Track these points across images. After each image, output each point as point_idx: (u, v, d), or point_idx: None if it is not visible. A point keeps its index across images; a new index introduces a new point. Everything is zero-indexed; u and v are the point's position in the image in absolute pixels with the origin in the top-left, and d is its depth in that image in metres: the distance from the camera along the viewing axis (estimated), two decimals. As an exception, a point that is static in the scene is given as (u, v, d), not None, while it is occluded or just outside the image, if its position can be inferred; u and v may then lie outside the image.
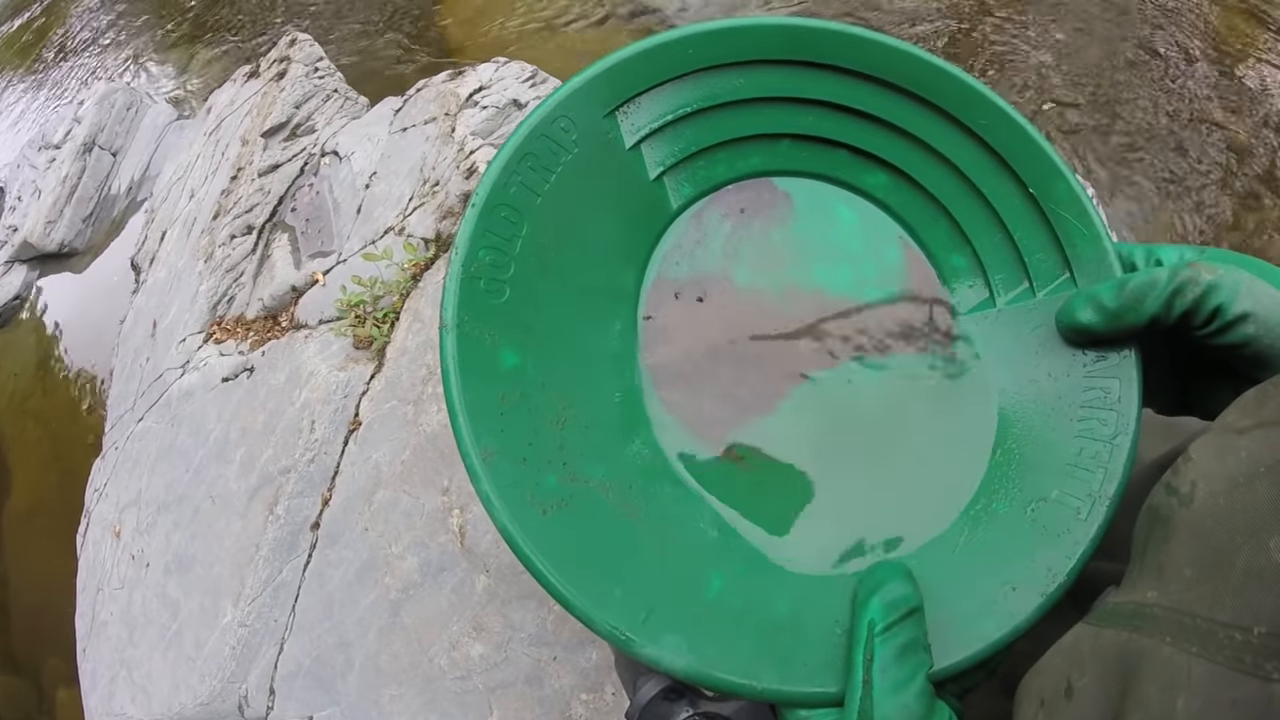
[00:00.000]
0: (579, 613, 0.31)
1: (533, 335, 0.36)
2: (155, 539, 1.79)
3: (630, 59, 0.39)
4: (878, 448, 0.38)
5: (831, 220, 0.42)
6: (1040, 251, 0.39)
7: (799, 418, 0.38)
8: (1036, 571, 0.34)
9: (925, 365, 0.39)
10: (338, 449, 1.53)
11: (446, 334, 0.34)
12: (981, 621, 0.33)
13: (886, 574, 0.32)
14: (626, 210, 0.40)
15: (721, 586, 0.34)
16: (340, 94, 2.30)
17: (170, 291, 2.21)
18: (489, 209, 0.36)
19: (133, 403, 2.12)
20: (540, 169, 0.38)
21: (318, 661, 1.38)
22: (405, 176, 1.82)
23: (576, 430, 0.36)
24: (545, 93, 1.85)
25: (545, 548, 0.32)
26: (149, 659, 1.68)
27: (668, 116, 0.40)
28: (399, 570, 1.34)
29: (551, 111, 0.38)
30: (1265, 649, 0.21)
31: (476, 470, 0.33)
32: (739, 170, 0.42)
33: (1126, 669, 0.25)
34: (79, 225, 2.91)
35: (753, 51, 0.40)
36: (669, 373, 0.39)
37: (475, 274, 0.36)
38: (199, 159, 2.54)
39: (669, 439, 0.38)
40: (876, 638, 0.30)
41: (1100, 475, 0.35)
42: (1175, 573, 0.26)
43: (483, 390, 0.34)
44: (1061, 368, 0.37)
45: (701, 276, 0.40)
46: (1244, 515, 0.24)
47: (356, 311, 1.65)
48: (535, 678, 1.16)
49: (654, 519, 0.35)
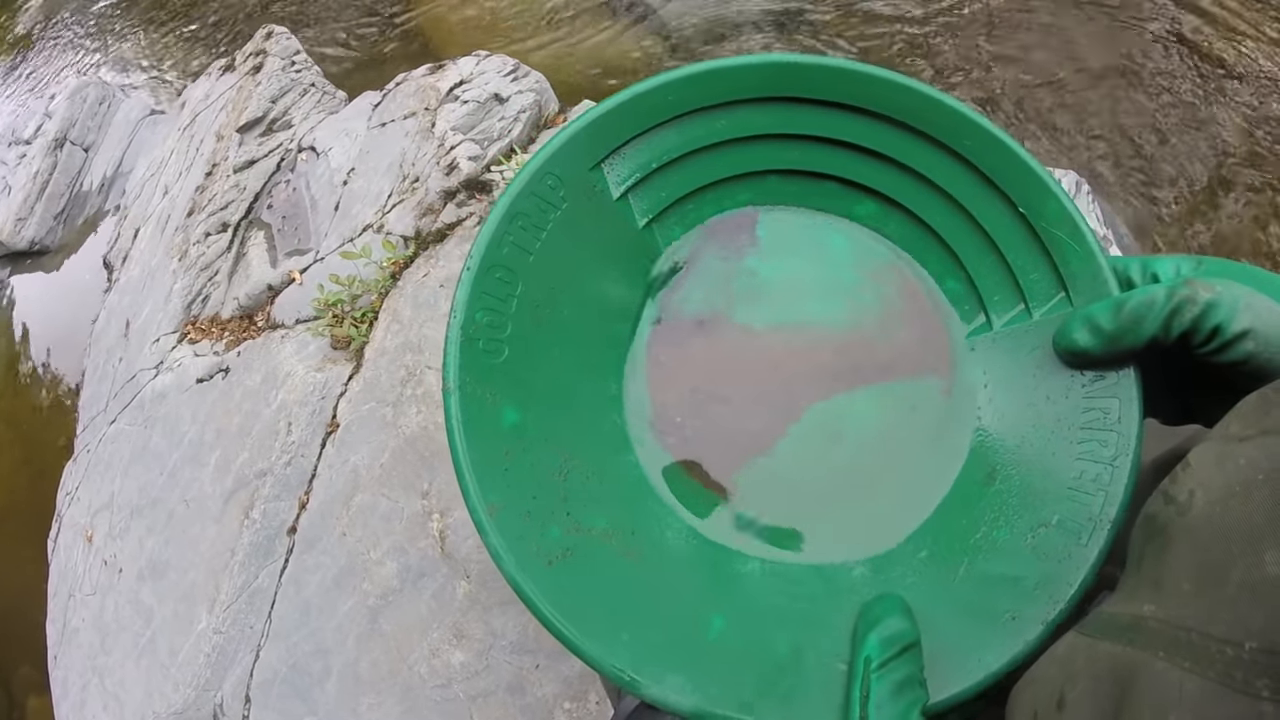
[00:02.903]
0: (586, 657, 0.32)
1: (532, 391, 0.37)
2: (128, 544, 1.75)
3: (610, 111, 0.40)
4: (877, 481, 0.38)
5: (824, 252, 0.42)
6: (1034, 272, 0.38)
7: (797, 457, 0.38)
8: (1038, 599, 0.33)
9: (924, 393, 0.39)
10: (315, 451, 1.50)
11: (449, 396, 0.35)
12: (982, 652, 0.32)
13: (884, 609, 0.32)
14: (618, 260, 0.41)
15: (723, 627, 0.34)
16: (318, 88, 2.26)
17: (143, 290, 2.17)
18: (484, 271, 0.37)
19: (105, 404, 2.07)
20: (531, 227, 0.39)
21: (294, 669, 1.35)
22: (384, 173, 1.79)
23: (579, 480, 0.37)
24: (527, 86, 1.82)
25: (552, 597, 0.33)
26: (121, 666, 1.64)
27: (652, 165, 0.41)
28: (378, 576, 1.31)
29: (539, 170, 0.39)
30: (1256, 665, 0.20)
31: (484, 525, 0.33)
32: (727, 208, 0.42)
33: (1120, 684, 0.25)
34: (50, 222, 2.84)
35: (733, 92, 0.40)
36: (668, 419, 0.39)
37: (473, 336, 0.36)
38: (173, 155, 2.49)
39: (670, 485, 0.38)
40: (873, 674, 0.30)
41: (1101, 499, 0.34)
42: (1173, 586, 0.25)
43: (486, 448, 0.35)
44: (1060, 389, 0.37)
45: (696, 319, 0.41)
46: (1240, 526, 0.23)
47: (334, 311, 1.61)
48: (517, 686, 1.13)
49: (656, 563, 0.35)
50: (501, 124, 1.75)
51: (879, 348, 0.40)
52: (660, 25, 2.38)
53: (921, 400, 0.39)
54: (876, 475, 0.38)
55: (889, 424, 0.39)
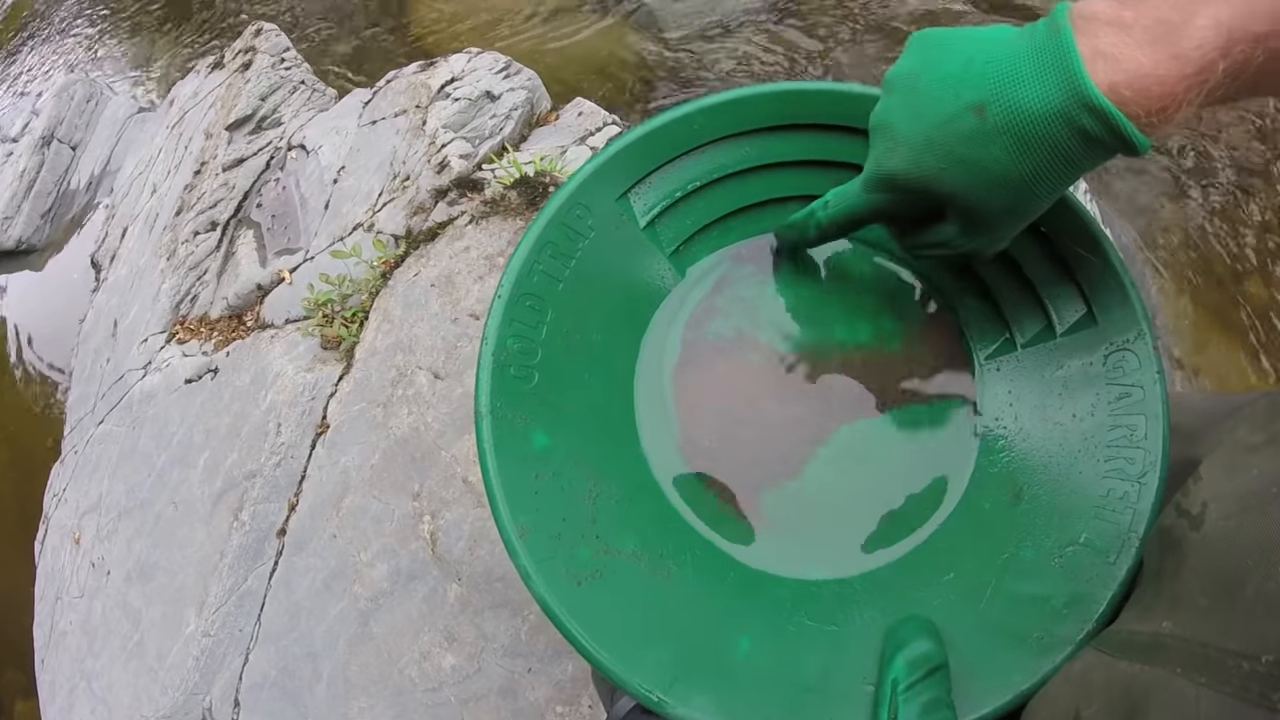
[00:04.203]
0: (613, 676, 0.32)
1: (562, 416, 0.38)
2: (116, 546, 1.74)
3: (637, 141, 0.40)
4: (903, 503, 0.38)
5: (848, 276, 0.42)
6: (1056, 288, 0.38)
7: (825, 480, 0.39)
8: (1066, 619, 0.32)
9: (949, 414, 0.40)
10: (305, 453, 1.48)
11: (481, 420, 0.36)
12: (1010, 673, 0.32)
13: (911, 631, 0.32)
14: (646, 286, 0.42)
15: (750, 647, 0.34)
16: (308, 85, 2.24)
17: (131, 290, 2.14)
18: (514, 299, 0.38)
19: (93, 405, 2.05)
20: (560, 256, 0.39)
21: (284, 673, 1.34)
22: (375, 171, 1.77)
23: (608, 504, 0.37)
24: (519, 83, 1.81)
25: (581, 617, 0.33)
26: (109, 670, 1.63)
27: (678, 193, 0.41)
28: (368, 578, 1.30)
29: (567, 200, 0.40)
30: (1272, 678, 0.20)
31: (514, 546, 0.34)
32: (753, 234, 0.43)
33: (1136, 701, 0.25)
34: (37, 221, 2.81)
35: (760, 120, 0.41)
36: (697, 443, 0.40)
37: (505, 362, 0.37)
38: (161, 153, 2.47)
39: (699, 508, 0.39)
40: (899, 696, 0.30)
41: (1129, 516, 0.34)
42: (1189, 602, 0.25)
43: (517, 470, 0.36)
44: (1086, 407, 0.37)
45: (723, 343, 0.41)
46: (1255, 539, 0.23)
47: (324, 310, 1.60)
48: (509, 690, 1.12)
49: (684, 584, 0.36)
50: (493, 122, 1.74)
51: (904, 369, 0.40)
52: (653, 21, 2.36)
53: (947, 421, 0.39)
54: (902, 498, 0.38)
55: (914, 446, 0.39)
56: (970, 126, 0.30)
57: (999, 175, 0.30)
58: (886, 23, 2.16)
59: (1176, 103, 0.27)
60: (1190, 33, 0.26)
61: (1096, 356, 0.37)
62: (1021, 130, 0.29)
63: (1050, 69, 0.28)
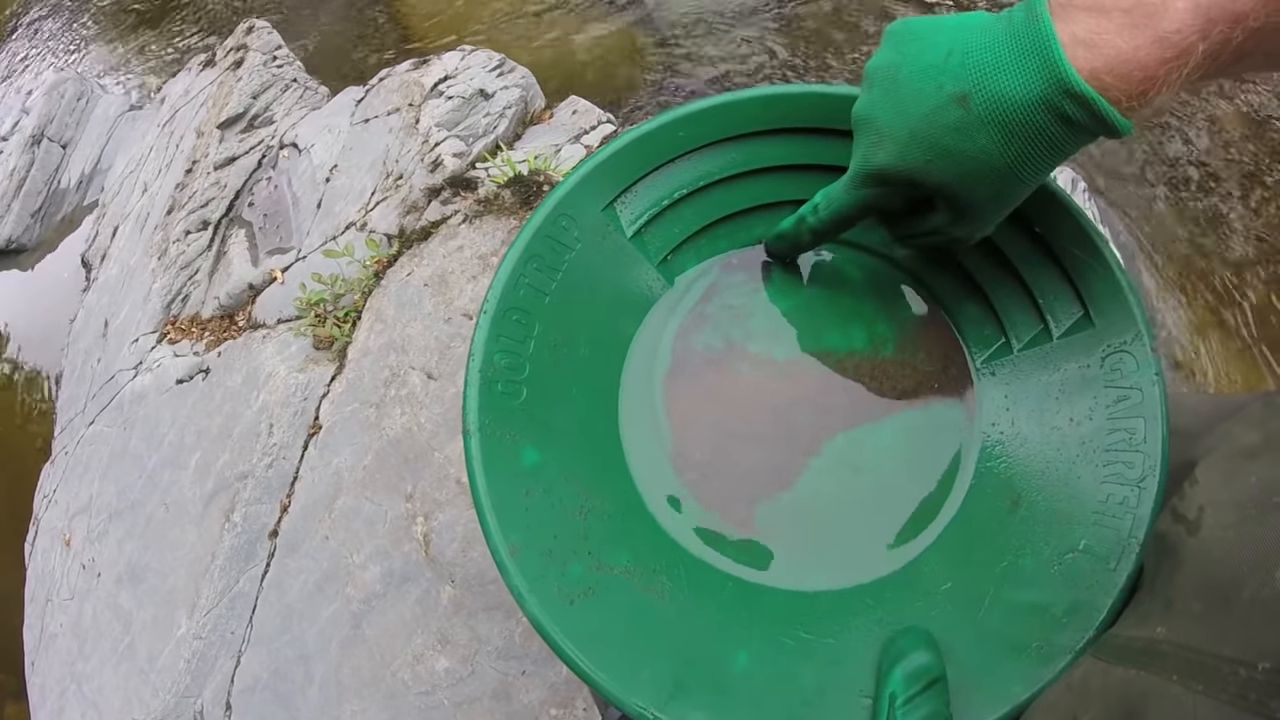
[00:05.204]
0: (609, 695, 0.32)
1: (551, 431, 0.37)
2: (107, 548, 1.72)
3: (621, 150, 0.39)
4: (898, 513, 0.38)
5: (840, 282, 0.41)
6: (1052, 291, 0.38)
7: (819, 491, 0.38)
8: (1066, 627, 0.32)
9: (945, 420, 0.39)
10: (297, 454, 1.47)
11: (470, 438, 0.35)
12: (1009, 683, 0.32)
13: (909, 643, 0.32)
14: (633, 298, 0.41)
15: (747, 662, 0.33)
16: (300, 83, 2.22)
17: (122, 289, 2.13)
18: (500, 314, 0.37)
19: (83, 405, 2.04)
20: (546, 269, 0.39)
21: (276, 675, 1.33)
22: (367, 170, 1.76)
23: (600, 519, 0.36)
24: (512, 81, 1.80)
25: (575, 636, 0.33)
26: (100, 672, 1.61)
27: (665, 202, 0.41)
28: (361, 580, 1.29)
29: (552, 211, 0.39)
30: (1269, 686, 0.20)
31: (505, 565, 0.33)
32: (742, 243, 0.42)
33: (1133, 709, 0.24)
34: (27, 220, 2.79)
35: (745, 125, 0.40)
36: (688, 456, 0.39)
37: (492, 378, 0.37)
38: (152, 151, 2.45)
39: (692, 521, 0.38)
40: (898, 710, 0.30)
41: (1129, 521, 0.33)
42: (1184, 607, 0.25)
43: (507, 488, 0.35)
44: (1084, 411, 0.36)
45: (714, 353, 0.41)
46: (1253, 547, 0.23)
47: (317, 310, 1.59)
48: (503, 692, 1.12)
49: (678, 600, 0.35)
50: (487, 120, 1.73)
51: (899, 375, 0.40)
52: (648, 17, 2.36)
53: (943, 427, 0.39)
54: (898, 507, 0.38)
55: (910, 453, 0.39)
56: (955, 118, 0.30)
57: (985, 164, 0.31)
58: (883, 24, 2.16)
59: (1157, 85, 0.27)
60: (1169, 16, 0.26)
61: (1094, 359, 0.36)
62: (1005, 119, 0.29)
63: (1030, 57, 0.29)
